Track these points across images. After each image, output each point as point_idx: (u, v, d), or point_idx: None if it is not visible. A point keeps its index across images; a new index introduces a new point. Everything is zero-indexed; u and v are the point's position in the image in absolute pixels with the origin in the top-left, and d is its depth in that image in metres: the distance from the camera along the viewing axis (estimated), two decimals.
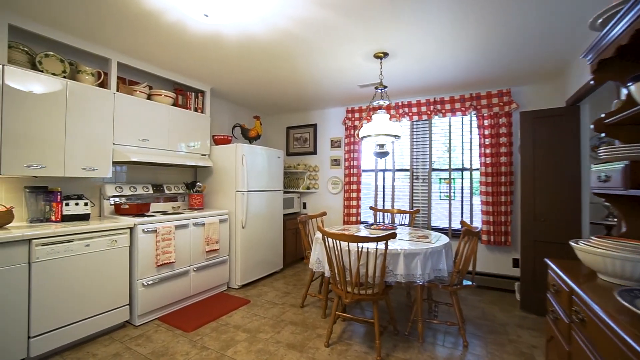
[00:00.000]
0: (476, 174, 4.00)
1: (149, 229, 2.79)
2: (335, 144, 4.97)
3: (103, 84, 2.91)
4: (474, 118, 3.97)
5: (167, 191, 3.58)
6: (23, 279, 2.11)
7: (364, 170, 4.75)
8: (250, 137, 4.24)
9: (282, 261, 4.44)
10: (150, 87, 3.35)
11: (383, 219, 4.60)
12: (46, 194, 2.61)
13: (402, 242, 2.60)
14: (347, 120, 4.74)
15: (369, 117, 4.57)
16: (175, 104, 3.55)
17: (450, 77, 3.50)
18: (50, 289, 2.23)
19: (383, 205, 4.64)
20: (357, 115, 4.70)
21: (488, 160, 3.78)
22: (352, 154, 4.67)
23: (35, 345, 2.17)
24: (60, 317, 2.28)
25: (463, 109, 3.96)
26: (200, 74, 3.51)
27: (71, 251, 2.33)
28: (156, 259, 2.82)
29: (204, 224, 3.31)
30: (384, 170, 4.65)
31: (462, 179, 4.13)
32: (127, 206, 2.98)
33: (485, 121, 3.83)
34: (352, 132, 4.69)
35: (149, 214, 3.12)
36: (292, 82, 3.75)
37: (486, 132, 3.81)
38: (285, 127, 5.43)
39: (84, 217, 2.73)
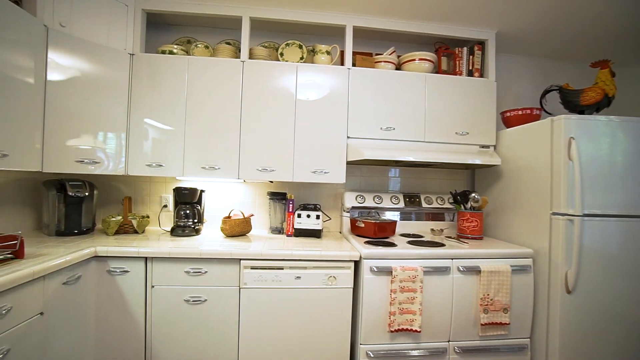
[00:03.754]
0: None
1: (379, 267, 1.72)
2: None
3: (341, 62, 2.25)
4: None
5: (425, 204, 2.39)
6: (234, 306, 1.72)
7: None
8: (582, 106, 2.12)
9: None
10: (399, 56, 2.32)
11: None
12: (285, 202, 2.26)
13: None
14: None
15: None
16: (437, 71, 2.31)
17: None
18: (256, 325, 1.72)
19: None
20: None
21: None
22: None
23: None
24: None
25: None
26: (475, 12, 2.05)
27: (279, 282, 1.73)
28: (389, 318, 1.70)
29: (479, 271, 1.79)
30: None
31: None
32: (363, 224, 2.10)
33: None
34: None
35: (390, 240, 2.07)
36: None
37: None
38: None
39: (314, 234, 2.13)
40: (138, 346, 1.69)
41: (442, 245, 1.92)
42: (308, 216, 2.15)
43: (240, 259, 1.72)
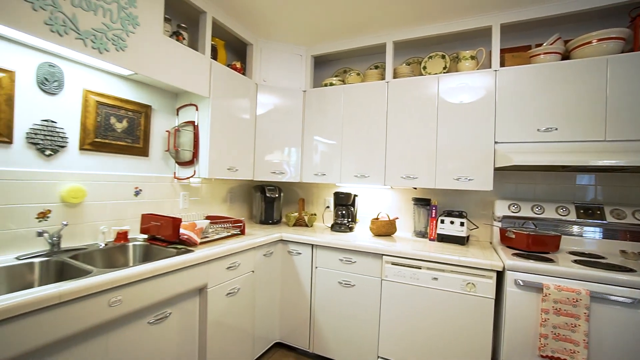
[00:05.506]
0: None
1: (525, 282, 1.58)
2: None
3: (490, 64, 2.15)
4: None
5: (612, 218, 1.92)
6: (376, 294, 2.01)
7: None
8: None
9: None
10: (567, 41, 1.98)
11: None
12: (428, 208, 2.36)
13: None
14: None
15: None
16: (631, 48, 1.83)
17: None
18: (394, 316, 1.94)
19: None
20: None
21: None
22: None
23: None
24: (403, 352, 1.90)
25: None
26: None
27: (416, 279, 1.88)
28: (540, 341, 1.53)
29: None
30: None
31: None
32: (513, 235, 1.93)
33: None
34: None
35: (549, 256, 1.81)
36: None
37: None
38: None
39: (458, 240, 2.13)
40: (306, 307, 2.24)
41: (631, 270, 1.53)
42: (452, 222, 2.17)
43: (382, 255, 1.99)
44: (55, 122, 1.56)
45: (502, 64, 2.05)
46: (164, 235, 1.76)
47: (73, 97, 1.62)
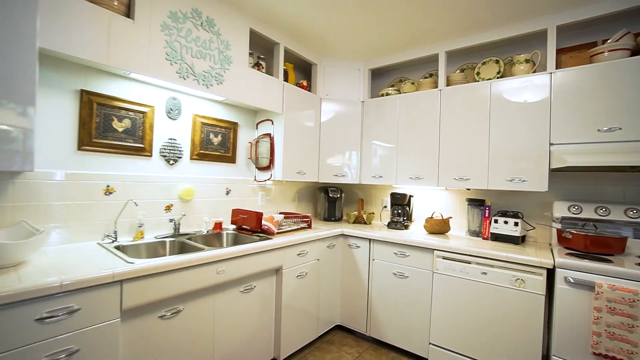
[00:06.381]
0: None
1: (576, 280, 1.62)
2: None
3: (544, 66, 2.16)
4: None
5: None
6: (428, 286, 2.19)
7: None
8: None
9: None
10: (637, 35, 1.90)
11: None
12: (482, 208, 2.44)
13: None
14: None
15: None
16: None
17: None
18: (445, 306, 2.10)
19: None
20: None
21: None
22: None
23: (433, 353, 2.15)
24: (453, 340, 2.05)
25: None
26: None
27: (466, 273, 2.02)
28: (592, 338, 1.56)
29: None
30: None
31: None
32: (570, 236, 1.93)
33: None
34: None
35: (613, 258, 1.78)
36: None
37: None
38: None
39: (512, 240, 2.18)
40: (363, 295, 2.51)
41: None
42: (505, 222, 2.23)
43: (434, 249, 2.17)
44: (176, 140, 2.12)
45: (559, 65, 2.06)
46: (249, 225, 2.22)
47: (186, 120, 2.18)
